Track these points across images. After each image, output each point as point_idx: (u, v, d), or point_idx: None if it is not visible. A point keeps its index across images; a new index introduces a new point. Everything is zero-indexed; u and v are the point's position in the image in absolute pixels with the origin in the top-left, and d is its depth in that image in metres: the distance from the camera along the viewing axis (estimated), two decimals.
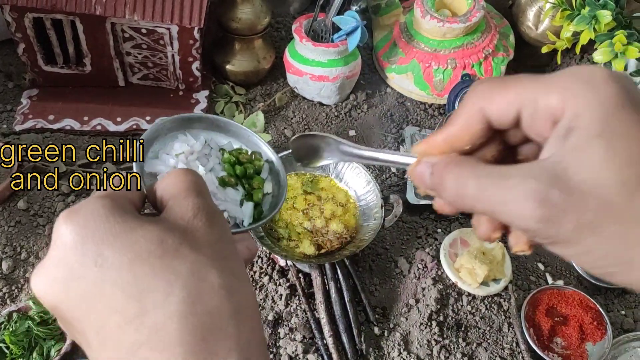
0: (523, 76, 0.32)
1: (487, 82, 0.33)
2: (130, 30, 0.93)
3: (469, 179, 0.32)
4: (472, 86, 0.34)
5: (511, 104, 0.32)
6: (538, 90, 0.31)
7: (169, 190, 0.37)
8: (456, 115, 0.35)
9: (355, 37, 0.98)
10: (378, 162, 0.42)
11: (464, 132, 0.34)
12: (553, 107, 0.31)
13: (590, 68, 0.31)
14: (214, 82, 1.07)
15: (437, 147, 0.36)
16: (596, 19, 0.95)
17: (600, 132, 0.29)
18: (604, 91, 0.30)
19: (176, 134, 0.52)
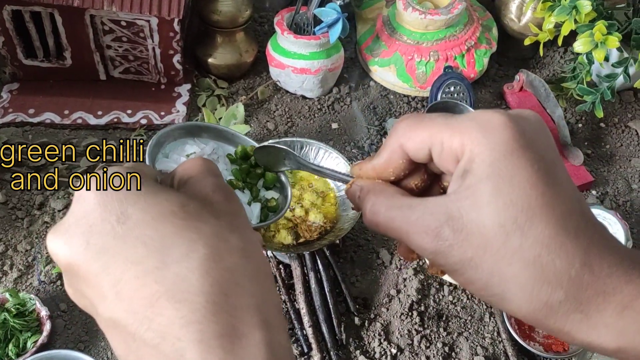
0: (437, 116, 0.36)
1: (407, 120, 0.37)
2: (110, 22, 0.92)
3: (382, 208, 0.37)
4: (395, 123, 0.38)
5: (424, 142, 0.36)
6: (445, 133, 0.35)
7: (188, 172, 0.39)
8: (382, 148, 0.39)
9: (336, 30, 0.98)
10: (324, 175, 0.50)
11: (387, 165, 0.38)
12: (455, 149, 0.34)
13: (490, 114, 0.34)
14: (197, 76, 1.07)
15: (367, 173, 0.40)
16: (577, 10, 0.95)
17: (488, 176, 0.33)
18: (497, 136, 0.33)
19: (185, 140, 0.54)
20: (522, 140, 0.33)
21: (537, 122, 0.36)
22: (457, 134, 0.34)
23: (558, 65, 1.19)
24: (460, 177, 0.34)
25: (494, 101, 1.12)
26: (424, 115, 0.37)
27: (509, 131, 0.33)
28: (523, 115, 0.36)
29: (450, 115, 0.36)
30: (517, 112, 0.37)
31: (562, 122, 1.02)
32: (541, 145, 0.35)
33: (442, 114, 0.36)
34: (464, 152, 0.34)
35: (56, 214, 0.87)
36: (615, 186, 1.02)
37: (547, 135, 0.36)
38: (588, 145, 1.08)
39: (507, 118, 0.34)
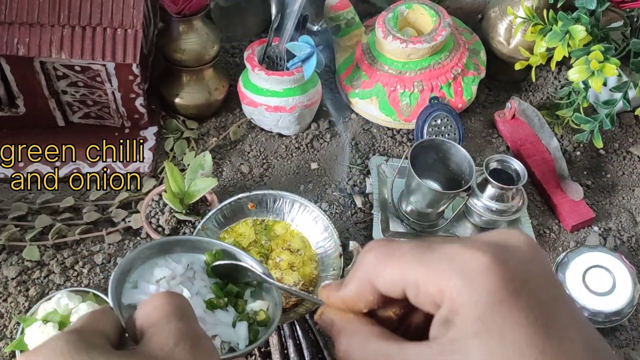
0: (408, 249, 0.32)
1: (375, 251, 0.33)
2: (63, 68, 0.85)
3: (355, 355, 0.33)
4: (362, 253, 0.34)
5: (396, 282, 0.32)
6: (418, 273, 0.31)
7: (149, 318, 0.34)
8: (349, 281, 0.35)
9: (310, 64, 0.91)
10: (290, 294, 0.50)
11: (358, 300, 0.34)
12: (432, 294, 0.30)
13: (470, 254, 0.30)
14: (164, 117, 0.99)
15: (336, 304, 0.36)
16: (570, 35, 0.88)
17: (475, 333, 0.28)
18: (481, 285, 0.29)
19: (155, 260, 0.49)
20: (512, 287, 0.29)
21: (529, 252, 0.30)
22: (434, 277, 0.30)
23: (552, 87, 1.11)
24: (442, 325, 0.30)
25: (484, 130, 1.05)
26: (393, 246, 0.33)
27: (494, 278, 0.29)
28: (510, 245, 0.30)
29: (424, 246, 0.32)
30: (502, 241, 0.30)
31: (559, 154, 0.95)
32: (536, 285, 0.29)
33: (415, 244, 0.32)
34: (444, 300, 0.30)
35: (9, 283, 0.79)
36: (619, 220, 0.95)
37: (542, 263, 0.31)
38: (587, 175, 1.00)
39: (491, 259, 0.29)
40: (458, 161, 0.85)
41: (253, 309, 0.51)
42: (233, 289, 0.50)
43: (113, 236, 0.84)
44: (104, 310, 0.37)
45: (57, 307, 0.74)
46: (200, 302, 0.48)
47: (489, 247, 0.30)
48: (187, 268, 0.50)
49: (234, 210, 0.79)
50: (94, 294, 0.76)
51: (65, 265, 0.81)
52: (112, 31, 0.80)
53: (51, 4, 0.79)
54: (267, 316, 0.50)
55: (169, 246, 0.51)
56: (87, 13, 0.80)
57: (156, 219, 0.82)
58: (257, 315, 0.50)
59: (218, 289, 0.50)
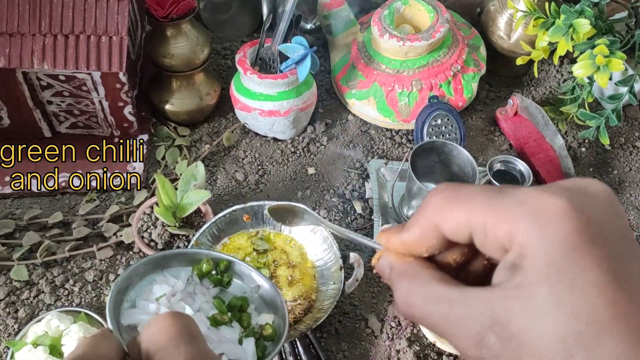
0: (478, 192, 0.30)
1: (442, 194, 0.31)
2: (47, 77, 0.81)
3: (417, 300, 0.31)
4: (428, 196, 0.32)
5: (462, 226, 0.30)
6: (488, 217, 0.29)
7: (155, 341, 0.32)
8: (413, 223, 0.33)
9: (305, 66, 0.87)
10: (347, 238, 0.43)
11: (420, 243, 0.33)
12: (501, 238, 0.29)
13: (546, 197, 0.28)
14: (155, 124, 0.96)
15: (396, 248, 0.34)
16: (573, 28, 0.85)
17: (544, 279, 0.27)
18: (555, 230, 0.27)
19: (153, 277, 0.47)
20: (587, 234, 0.27)
21: (607, 201, 0.29)
22: (504, 221, 0.28)
23: (554, 81, 1.08)
24: (509, 270, 0.28)
25: (486, 127, 1.02)
26: (461, 189, 0.31)
27: (570, 223, 0.27)
28: (588, 192, 0.29)
29: (494, 190, 0.30)
30: (581, 187, 0.29)
31: (564, 152, 0.91)
32: (611, 234, 0.28)
33: (483, 188, 0.30)
34: (513, 244, 0.28)
35: None
36: (628, 218, 0.92)
37: (619, 217, 0.29)
38: (594, 172, 0.97)
39: (567, 204, 0.27)
40: (460, 163, 0.82)
41: (258, 323, 0.48)
42: (236, 303, 0.48)
43: (104, 252, 0.81)
44: (104, 334, 0.35)
45: (47, 329, 0.71)
46: (204, 318, 0.45)
47: (566, 192, 0.28)
48: (187, 283, 0.47)
49: (228, 223, 0.76)
50: (86, 314, 0.73)
51: (55, 284, 0.78)
52: (97, 39, 0.77)
53: (31, 12, 0.76)
54: (273, 330, 0.48)
55: (165, 261, 0.48)
56: (70, 20, 0.76)
57: (148, 234, 0.78)
58: (264, 329, 0.48)
59: (221, 303, 0.47)
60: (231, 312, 0.47)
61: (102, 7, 0.77)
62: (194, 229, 0.78)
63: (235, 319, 0.47)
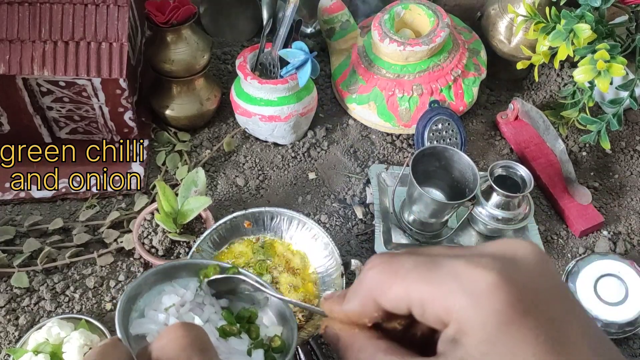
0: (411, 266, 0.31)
1: (377, 268, 0.32)
2: (47, 84, 0.81)
3: None
4: (365, 269, 0.33)
5: (401, 301, 0.31)
6: (424, 292, 0.30)
7: (167, 351, 0.32)
8: (352, 297, 0.34)
9: (305, 71, 0.87)
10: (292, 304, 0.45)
11: (362, 315, 0.33)
12: (438, 313, 0.29)
13: (476, 272, 0.29)
14: (155, 129, 0.96)
15: (340, 317, 0.35)
16: (574, 33, 0.84)
17: (484, 354, 0.28)
18: (488, 305, 0.28)
19: (162, 287, 0.47)
20: (520, 305, 0.27)
21: (537, 265, 0.30)
22: (440, 296, 0.29)
23: (554, 85, 1.08)
24: (450, 343, 0.29)
25: (486, 132, 1.02)
26: (396, 262, 0.32)
27: (501, 297, 0.28)
28: (517, 258, 0.30)
29: (428, 262, 0.31)
30: (509, 254, 0.30)
31: (565, 156, 0.91)
32: (545, 299, 0.29)
33: (417, 262, 0.31)
34: (451, 320, 0.29)
35: None
36: (628, 223, 0.92)
37: (551, 278, 0.30)
38: (595, 177, 0.97)
39: (497, 277, 0.28)
40: (461, 169, 0.82)
41: (267, 335, 0.48)
42: (245, 314, 0.48)
43: (105, 258, 0.80)
44: (114, 343, 0.35)
45: (48, 336, 0.71)
46: (213, 329, 0.45)
47: (496, 263, 0.29)
48: (196, 293, 0.48)
49: (229, 230, 0.75)
50: (87, 321, 0.73)
51: (55, 290, 0.78)
52: (97, 45, 0.77)
53: (31, 18, 0.75)
54: (282, 342, 0.47)
55: (174, 271, 0.48)
56: (70, 27, 0.76)
57: (149, 240, 0.78)
58: (272, 341, 0.48)
59: (229, 314, 0.47)
60: (240, 323, 0.47)
61: (102, 13, 0.76)
62: (194, 235, 0.78)
63: (244, 330, 0.47)
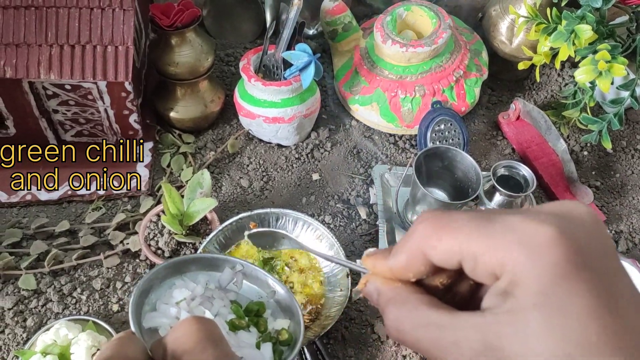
0: (466, 219, 0.31)
1: (429, 221, 0.32)
2: (53, 87, 0.82)
3: (406, 326, 0.32)
4: (415, 224, 0.32)
5: (452, 253, 0.30)
6: (478, 245, 0.29)
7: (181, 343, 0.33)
8: (400, 249, 0.33)
9: (309, 73, 0.88)
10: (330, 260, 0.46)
11: (407, 270, 0.33)
12: (491, 266, 0.29)
13: (534, 225, 0.28)
14: (159, 131, 0.96)
15: (383, 273, 0.34)
16: (575, 34, 0.85)
17: (535, 305, 0.27)
18: (545, 258, 0.28)
19: (172, 281, 0.48)
20: (576, 259, 0.28)
21: (593, 224, 0.30)
22: (494, 249, 0.29)
23: (555, 84, 1.08)
24: (500, 296, 0.29)
25: (488, 132, 1.02)
26: (449, 216, 0.31)
27: (559, 250, 0.28)
28: (574, 216, 0.30)
29: (482, 217, 0.30)
30: (566, 212, 0.30)
31: (567, 156, 0.92)
32: (599, 257, 0.29)
33: (471, 216, 0.30)
34: (504, 272, 0.29)
35: (6, 314, 0.77)
36: (630, 221, 0.92)
37: (605, 239, 0.30)
38: (596, 176, 0.98)
39: (556, 231, 0.28)
40: (464, 169, 0.83)
41: (275, 328, 0.49)
42: (253, 307, 0.49)
43: (111, 260, 0.81)
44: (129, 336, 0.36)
45: (56, 338, 0.71)
46: (222, 323, 0.46)
47: (554, 218, 0.29)
48: (206, 287, 0.49)
49: (235, 231, 0.76)
50: (94, 322, 0.74)
51: (62, 292, 0.79)
52: (102, 49, 0.77)
53: (38, 23, 0.76)
54: (289, 335, 0.49)
55: (185, 265, 0.50)
56: (76, 31, 0.77)
57: (155, 241, 0.79)
58: (280, 334, 0.49)
59: (238, 308, 0.48)
60: (248, 316, 0.48)
61: (107, 17, 0.77)
62: (200, 237, 0.79)
63: (252, 324, 0.48)
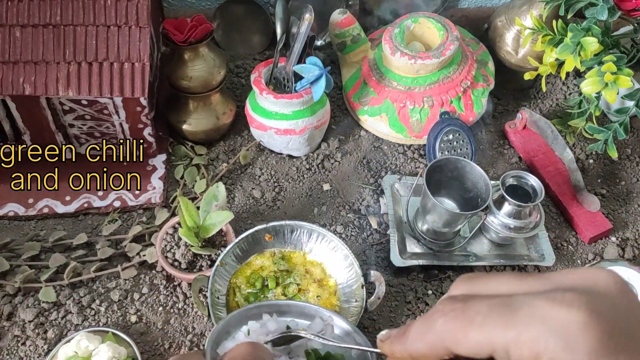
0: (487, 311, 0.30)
1: (450, 315, 0.31)
2: (70, 102, 0.83)
3: None
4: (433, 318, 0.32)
5: (482, 348, 0.30)
6: (509, 339, 0.29)
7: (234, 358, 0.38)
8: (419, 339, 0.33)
9: (319, 86, 0.89)
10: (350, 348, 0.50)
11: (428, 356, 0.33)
12: (526, 357, 0.29)
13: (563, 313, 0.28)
14: (172, 143, 0.98)
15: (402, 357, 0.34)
16: (581, 46, 0.87)
17: None
18: (581, 347, 0.27)
19: None
20: (612, 343, 0.27)
21: (621, 296, 0.30)
22: (528, 341, 0.28)
23: (560, 93, 1.10)
24: None
25: (495, 141, 1.04)
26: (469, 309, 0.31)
27: (594, 336, 0.27)
28: (601, 290, 0.29)
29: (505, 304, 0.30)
30: (592, 287, 0.30)
31: (574, 165, 0.94)
32: (634, 333, 0.29)
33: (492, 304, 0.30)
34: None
35: (27, 326, 0.78)
36: (636, 228, 0.94)
37: (635, 305, 0.30)
38: (602, 184, 0.99)
39: (587, 316, 0.28)
40: (474, 179, 0.84)
41: None
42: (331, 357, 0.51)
43: (128, 271, 0.83)
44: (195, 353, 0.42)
45: (77, 349, 0.73)
46: None
47: (581, 298, 0.29)
48: None
49: (251, 243, 0.78)
50: (113, 334, 0.75)
51: (82, 304, 0.80)
52: (119, 65, 0.79)
53: (56, 41, 0.78)
54: None
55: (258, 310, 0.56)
56: (93, 48, 0.78)
57: (172, 253, 0.80)
58: None
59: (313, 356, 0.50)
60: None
61: (124, 34, 0.79)
62: (216, 249, 0.80)
63: None
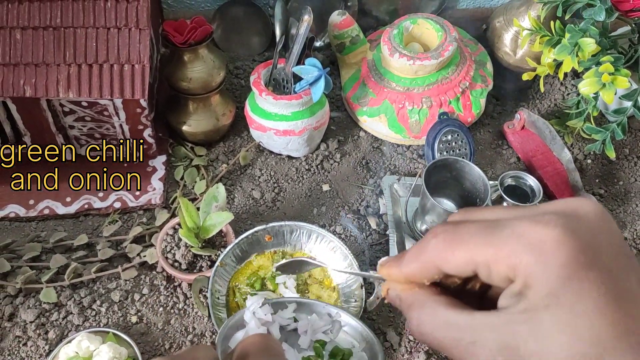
0: (475, 230, 0.32)
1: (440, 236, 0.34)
2: (70, 104, 0.84)
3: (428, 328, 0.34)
4: (427, 238, 0.34)
5: (466, 265, 0.32)
6: (489, 255, 0.31)
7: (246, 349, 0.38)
8: (412, 260, 0.35)
9: (319, 87, 0.90)
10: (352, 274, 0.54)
11: (421, 277, 0.35)
12: (504, 272, 0.31)
13: (540, 229, 0.30)
14: (172, 144, 0.98)
15: (398, 280, 0.37)
16: (579, 47, 0.87)
17: (547, 305, 0.29)
18: (552, 260, 0.29)
19: None
20: (583, 259, 0.29)
21: (598, 221, 0.31)
22: (505, 256, 0.31)
23: (558, 93, 1.11)
24: (515, 297, 0.31)
25: (494, 141, 1.04)
26: (459, 230, 0.33)
27: (565, 251, 0.29)
28: (580, 215, 0.31)
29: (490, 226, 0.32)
30: (571, 211, 0.31)
31: (572, 165, 0.94)
32: (606, 254, 0.30)
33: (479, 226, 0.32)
34: (517, 276, 0.30)
35: (28, 327, 0.79)
36: (634, 228, 0.95)
37: (612, 233, 0.31)
38: (600, 184, 1.00)
39: (561, 233, 0.29)
40: (472, 180, 0.85)
41: None
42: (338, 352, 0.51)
43: (129, 272, 0.83)
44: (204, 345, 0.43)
45: (78, 350, 0.73)
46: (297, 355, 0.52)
47: (559, 219, 0.30)
48: None
49: (251, 244, 0.78)
50: (114, 334, 0.76)
51: (82, 305, 0.80)
52: (119, 67, 0.79)
53: (56, 43, 0.78)
54: None
55: None
56: (93, 50, 0.79)
57: (172, 254, 0.81)
58: None
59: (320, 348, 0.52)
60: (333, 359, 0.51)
61: (124, 36, 0.79)
62: (216, 249, 0.81)
63: None
